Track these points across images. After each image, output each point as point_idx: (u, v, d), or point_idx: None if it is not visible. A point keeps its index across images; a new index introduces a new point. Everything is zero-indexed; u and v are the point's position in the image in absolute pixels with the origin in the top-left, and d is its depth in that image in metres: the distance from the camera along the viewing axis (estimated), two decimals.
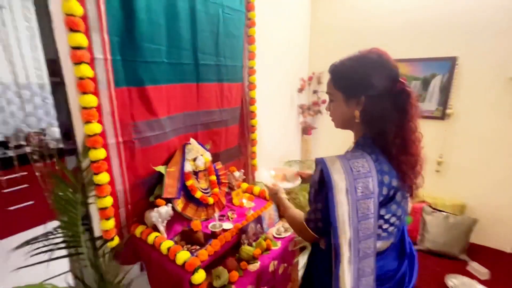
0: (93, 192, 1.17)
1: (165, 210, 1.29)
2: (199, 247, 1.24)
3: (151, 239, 1.25)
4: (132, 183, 1.32)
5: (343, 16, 2.58)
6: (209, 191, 1.55)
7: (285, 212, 1.01)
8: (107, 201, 1.18)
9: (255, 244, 1.38)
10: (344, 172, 0.73)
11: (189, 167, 1.45)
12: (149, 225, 1.33)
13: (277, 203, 1.09)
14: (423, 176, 0.83)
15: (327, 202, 0.74)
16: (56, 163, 1.10)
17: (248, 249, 1.29)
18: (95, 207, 1.19)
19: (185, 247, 1.24)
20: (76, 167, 1.16)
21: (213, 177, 1.57)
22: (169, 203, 1.34)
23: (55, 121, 1.20)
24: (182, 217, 1.41)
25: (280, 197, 1.08)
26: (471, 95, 2.12)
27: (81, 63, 1.01)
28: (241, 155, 2.04)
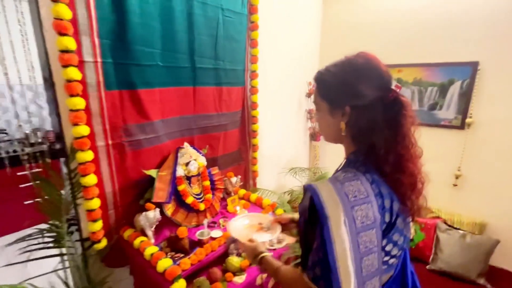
0: (81, 193, 1.18)
1: (152, 214, 1.27)
2: (183, 255, 1.21)
3: (136, 243, 1.23)
4: (122, 186, 1.32)
5: (356, 17, 2.47)
6: (202, 196, 1.52)
7: (277, 274, 0.76)
8: (94, 203, 1.18)
9: (244, 254, 1.32)
10: (340, 200, 0.60)
11: (181, 172, 1.43)
12: (138, 228, 1.32)
13: (261, 264, 0.81)
14: (425, 196, 0.72)
15: (323, 240, 0.60)
16: (44, 165, 1.11)
17: (234, 260, 1.23)
18: (83, 209, 1.19)
19: (169, 254, 1.21)
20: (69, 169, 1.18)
21: (206, 183, 1.54)
22: (159, 207, 1.32)
23: (49, 123, 1.23)
24: (172, 222, 1.39)
25: (263, 257, 0.82)
26: (494, 103, 1.94)
27: (68, 66, 1.03)
28: (241, 160, 2.00)
